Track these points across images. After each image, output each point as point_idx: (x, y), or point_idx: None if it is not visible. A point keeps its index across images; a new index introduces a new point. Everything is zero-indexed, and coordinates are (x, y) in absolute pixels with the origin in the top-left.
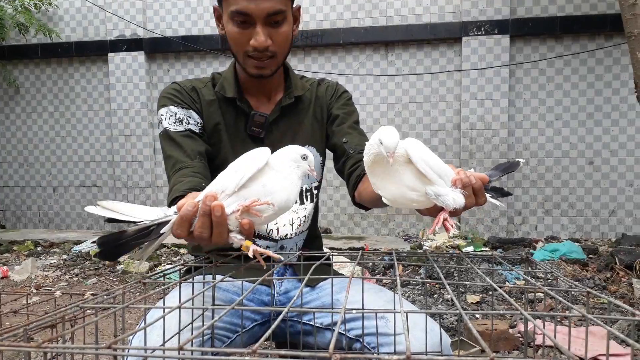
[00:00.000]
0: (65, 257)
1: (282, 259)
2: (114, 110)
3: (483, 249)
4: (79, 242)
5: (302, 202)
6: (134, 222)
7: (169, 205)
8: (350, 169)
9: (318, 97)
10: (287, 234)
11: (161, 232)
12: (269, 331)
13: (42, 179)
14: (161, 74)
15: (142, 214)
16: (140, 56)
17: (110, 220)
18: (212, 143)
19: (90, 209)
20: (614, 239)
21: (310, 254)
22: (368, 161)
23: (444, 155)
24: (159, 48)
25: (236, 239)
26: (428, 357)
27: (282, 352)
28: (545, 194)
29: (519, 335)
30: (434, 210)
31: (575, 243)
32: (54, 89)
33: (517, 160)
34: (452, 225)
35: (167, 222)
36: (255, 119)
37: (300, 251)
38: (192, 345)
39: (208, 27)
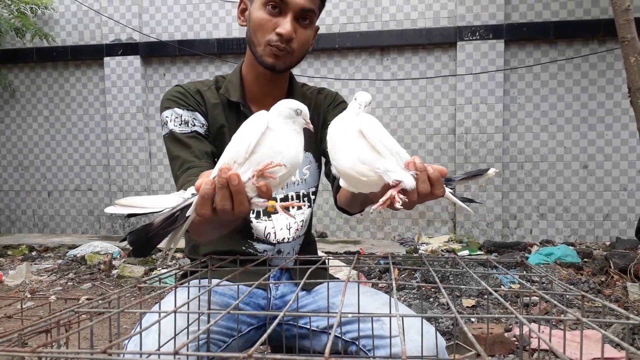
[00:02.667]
0: (60, 261)
1: (303, 205)
2: (110, 114)
3: (478, 252)
4: (74, 247)
5: (299, 207)
6: (156, 212)
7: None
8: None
9: (317, 104)
10: (284, 238)
11: (186, 215)
12: (265, 335)
13: (37, 183)
14: (157, 78)
15: (162, 203)
16: (136, 60)
17: (130, 215)
18: (216, 145)
19: (110, 209)
20: (608, 243)
21: (307, 258)
22: (332, 130)
23: (440, 159)
24: (154, 52)
25: (259, 202)
26: None
27: (278, 356)
28: (540, 198)
29: (514, 339)
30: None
31: (570, 247)
32: (50, 92)
33: (486, 168)
34: (398, 202)
35: (189, 205)
36: None
37: (297, 255)
38: (187, 350)
39: (204, 31)
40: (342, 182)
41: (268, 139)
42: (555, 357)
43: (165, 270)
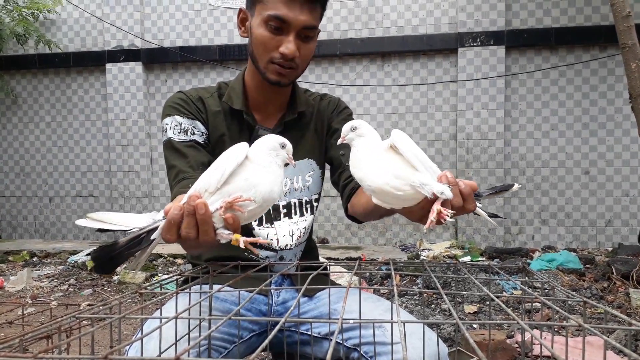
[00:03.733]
0: (61, 267)
1: (270, 243)
2: (111, 120)
3: (480, 258)
4: (74, 253)
5: (302, 214)
6: (125, 231)
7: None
8: (345, 181)
9: (320, 111)
10: (287, 245)
11: (151, 238)
12: (266, 342)
13: (38, 189)
14: (158, 84)
15: (132, 221)
16: (137, 66)
17: (101, 231)
18: (215, 153)
19: (80, 222)
20: (610, 249)
21: (308, 264)
22: (353, 155)
23: (441, 165)
24: (156, 58)
25: (224, 234)
26: None
27: None
28: (542, 204)
29: (516, 345)
30: (420, 211)
31: (572, 253)
32: (52, 99)
33: (511, 183)
34: (447, 215)
35: (156, 229)
36: (259, 133)
37: (298, 261)
38: (188, 356)
39: (205, 37)
40: (374, 199)
41: (245, 171)
42: None
43: (166, 276)
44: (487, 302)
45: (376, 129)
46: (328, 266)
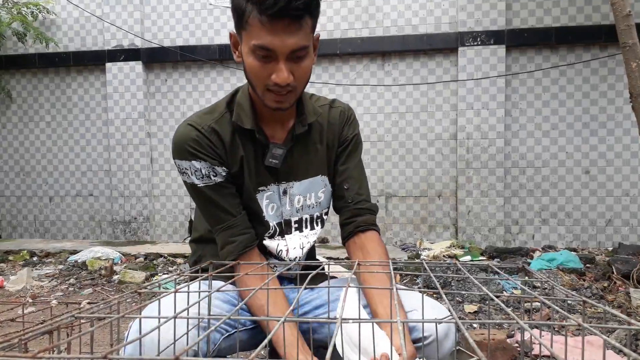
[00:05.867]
0: (61, 267)
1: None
2: (111, 119)
3: (480, 258)
4: (75, 252)
5: (312, 228)
6: None
7: (225, 257)
8: (345, 221)
9: (330, 122)
10: (296, 257)
11: None
12: (265, 342)
13: (38, 188)
14: (159, 84)
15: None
16: (137, 66)
17: None
18: (236, 175)
19: None
20: (610, 248)
21: (308, 263)
22: None
23: (441, 164)
24: (156, 58)
25: None
26: None
27: None
28: (542, 203)
29: (516, 345)
30: None
31: (572, 252)
32: (51, 98)
33: None
34: None
35: None
36: (274, 151)
37: (298, 261)
38: (187, 355)
39: (205, 37)
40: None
41: None
42: None
43: (165, 276)
44: (487, 302)
45: (376, 128)
46: (327, 266)
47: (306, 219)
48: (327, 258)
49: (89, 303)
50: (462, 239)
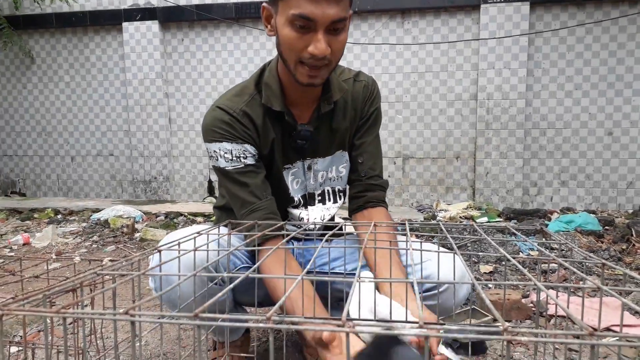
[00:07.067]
0: (84, 224)
1: None
2: (129, 80)
3: (497, 219)
4: (97, 210)
5: (335, 201)
6: None
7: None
8: (356, 194)
9: (354, 97)
10: (315, 226)
11: None
12: (283, 299)
13: (60, 148)
14: (175, 44)
15: None
16: (154, 25)
17: None
18: (267, 157)
19: None
20: (631, 211)
21: (325, 223)
22: None
23: (460, 125)
24: (172, 17)
25: None
26: (440, 326)
27: (296, 319)
28: (562, 165)
29: (531, 305)
30: None
31: (591, 214)
32: (70, 58)
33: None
34: None
35: None
36: (302, 133)
37: (315, 222)
38: (206, 312)
39: None
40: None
41: None
42: (572, 323)
43: (186, 234)
44: (503, 262)
45: (394, 88)
46: (344, 226)
47: (328, 191)
48: (344, 219)
49: (111, 260)
50: (480, 200)
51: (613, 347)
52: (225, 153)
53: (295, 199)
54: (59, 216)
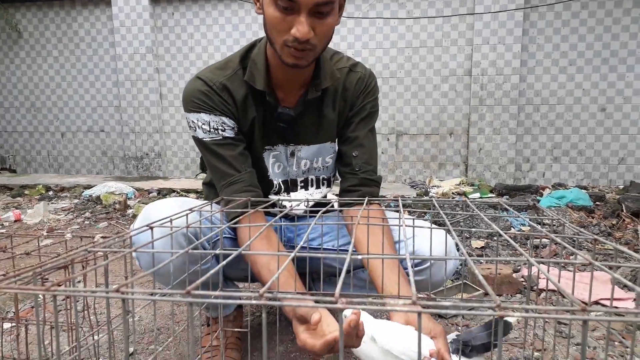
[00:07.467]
0: (76, 201)
1: None
2: (119, 54)
3: (489, 195)
4: (89, 187)
5: (318, 187)
6: None
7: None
8: (349, 188)
9: (346, 88)
10: (308, 202)
11: None
12: (275, 276)
13: (49, 124)
14: (166, 17)
15: None
16: None
17: None
18: (249, 138)
19: None
20: (621, 187)
21: (316, 200)
22: None
23: (454, 101)
24: None
25: None
26: (432, 302)
27: (289, 295)
28: (555, 141)
29: (522, 279)
30: None
31: (583, 190)
32: (58, 32)
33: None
34: None
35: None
36: (282, 116)
37: (306, 198)
38: (199, 289)
39: None
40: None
41: None
42: (562, 297)
43: (177, 212)
44: (495, 238)
45: (389, 64)
46: (335, 203)
47: (312, 179)
48: (336, 195)
49: (102, 237)
50: (472, 176)
51: (603, 321)
52: (203, 124)
53: (275, 182)
54: (50, 193)
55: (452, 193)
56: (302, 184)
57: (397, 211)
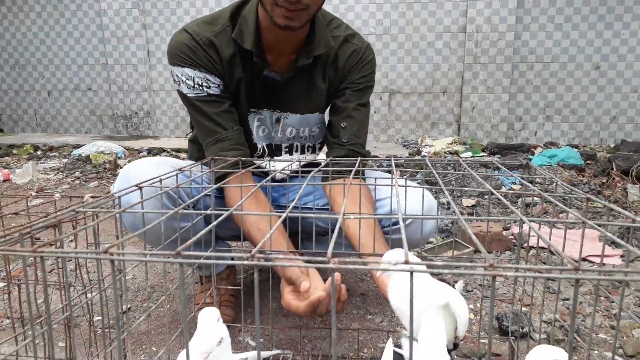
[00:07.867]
0: (65, 160)
1: None
2: (104, 10)
3: (481, 154)
4: (78, 146)
5: (302, 152)
6: None
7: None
8: (333, 158)
9: (338, 57)
10: (283, 178)
11: None
12: (268, 236)
13: (35, 82)
14: None
15: None
16: None
17: None
18: (233, 96)
19: None
20: (612, 145)
21: (309, 161)
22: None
23: (448, 59)
24: None
25: None
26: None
27: (281, 256)
28: (548, 100)
29: (512, 237)
30: None
31: (574, 149)
32: None
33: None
34: None
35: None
36: (268, 80)
37: (299, 158)
38: (191, 249)
39: None
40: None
41: None
42: (552, 254)
43: (168, 171)
44: (486, 196)
45: (382, 19)
46: (329, 163)
47: (297, 145)
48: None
49: (91, 197)
50: (464, 135)
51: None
52: (187, 79)
53: (259, 146)
54: (39, 152)
55: (445, 152)
56: (287, 149)
57: (390, 171)
